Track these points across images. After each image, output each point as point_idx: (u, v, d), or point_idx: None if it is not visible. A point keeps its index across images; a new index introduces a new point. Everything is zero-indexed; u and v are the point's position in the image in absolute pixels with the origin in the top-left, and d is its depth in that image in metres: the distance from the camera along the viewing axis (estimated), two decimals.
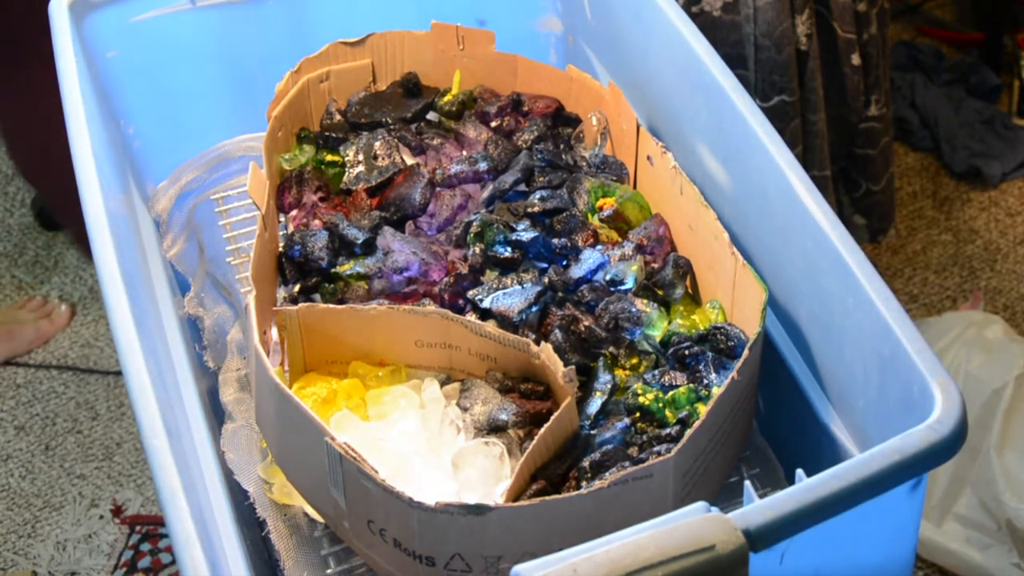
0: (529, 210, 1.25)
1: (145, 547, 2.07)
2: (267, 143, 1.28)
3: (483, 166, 1.29)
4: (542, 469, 1.02)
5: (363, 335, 1.15)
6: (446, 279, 1.19)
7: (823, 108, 1.97)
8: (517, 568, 0.78)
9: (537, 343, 1.10)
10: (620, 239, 1.24)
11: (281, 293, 1.21)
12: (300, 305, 1.14)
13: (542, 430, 1.01)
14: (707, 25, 1.86)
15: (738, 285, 1.13)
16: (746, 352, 1.04)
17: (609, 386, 1.10)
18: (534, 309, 1.15)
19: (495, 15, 1.49)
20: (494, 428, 1.09)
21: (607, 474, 1.00)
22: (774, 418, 1.20)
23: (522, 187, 1.29)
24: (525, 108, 1.37)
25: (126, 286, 1.08)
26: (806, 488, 0.85)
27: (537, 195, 1.26)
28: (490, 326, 1.11)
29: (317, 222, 1.26)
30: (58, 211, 2.47)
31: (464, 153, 1.34)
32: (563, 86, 1.37)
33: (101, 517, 2.12)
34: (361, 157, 1.31)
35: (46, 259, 2.55)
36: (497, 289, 1.16)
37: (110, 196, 1.18)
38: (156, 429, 0.97)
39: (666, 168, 1.23)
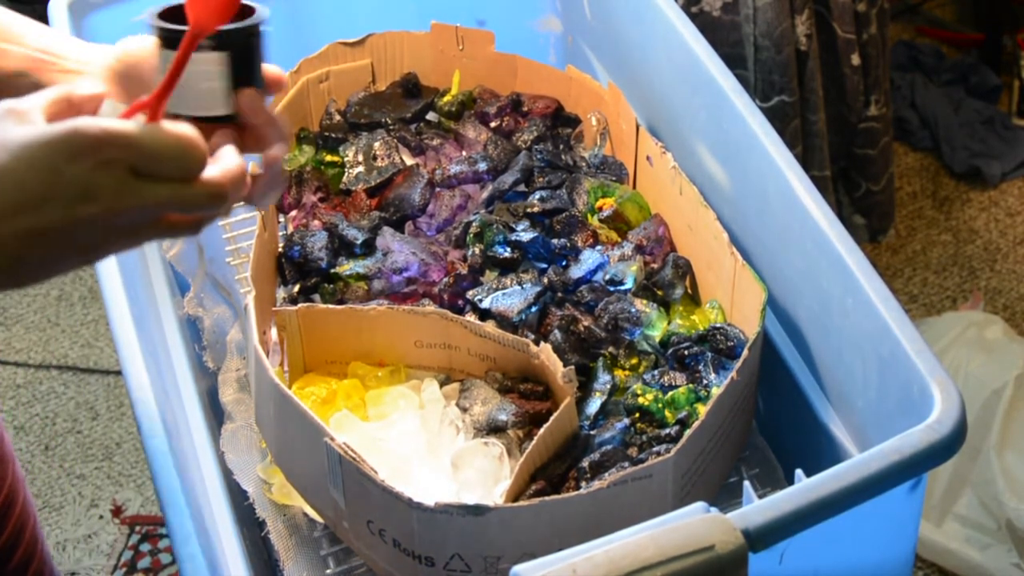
0: (528, 210, 1.25)
1: (145, 547, 2.07)
2: None
3: (483, 166, 1.29)
4: (541, 469, 1.02)
5: (363, 335, 1.15)
6: (445, 279, 1.19)
7: (823, 108, 1.97)
8: (516, 568, 0.78)
9: (536, 343, 1.10)
10: (620, 239, 1.24)
11: (281, 293, 1.21)
12: (300, 305, 1.14)
13: (541, 430, 1.01)
14: (707, 25, 1.86)
15: (737, 285, 1.13)
16: (745, 352, 1.04)
17: (608, 386, 1.10)
18: (533, 309, 1.15)
19: (495, 15, 1.49)
20: (493, 428, 1.09)
21: (606, 474, 1.00)
22: (774, 418, 1.20)
23: (522, 187, 1.29)
24: (525, 108, 1.37)
25: (126, 286, 1.08)
26: (805, 488, 0.85)
27: (536, 195, 1.26)
28: (489, 326, 1.11)
29: (317, 222, 1.26)
30: None
31: (464, 153, 1.34)
32: (563, 86, 1.37)
33: (101, 517, 2.11)
34: (360, 157, 1.31)
35: None
36: (496, 289, 1.16)
37: None
38: (156, 429, 0.97)
39: (665, 168, 1.23)
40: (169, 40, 0.82)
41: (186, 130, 0.73)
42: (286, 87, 0.93)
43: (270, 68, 0.88)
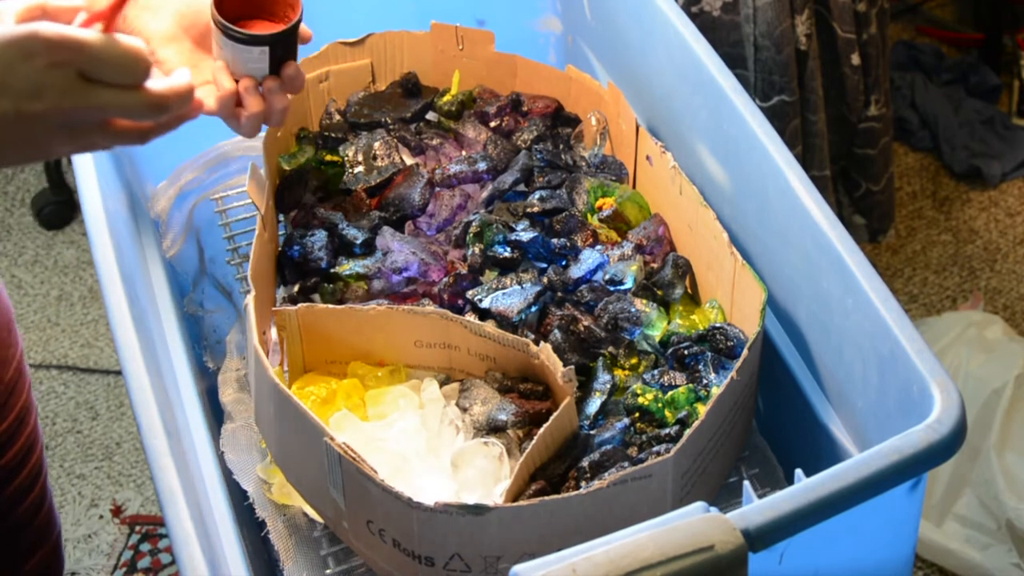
0: (528, 210, 1.25)
1: (145, 547, 2.07)
2: (266, 143, 1.28)
3: (482, 166, 1.29)
4: (541, 469, 1.02)
5: (362, 335, 1.15)
6: (445, 279, 1.19)
7: (823, 108, 1.97)
8: (516, 568, 0.78)
9: (536, 343, 1.10)
10: (619, 239, 1.24)
11: (280, 293, 1.21)
12: (299, 305, 1.14)
13: (541, 430, 1.01)
14: (707, 25, 1.86)
15: (737, 285, 1.13)
16: (745, 352, 1.04)
17: (608, 386, 1.10)
18: (533, 309, 1.15)
19: (495, 15, 1.49)
20: (493, 428, 1.09)
21: (606, 474, 1.00)
22: (774, 418, 1.20)
23: (521, 187, 1.29)
24: (524, 108, 1.37)
25: (126, 286, 1.08)
26: (805, 488, 0.85)
27: (536, 195, 1.26)
28: (489, 326, 1.11)
29: (316, 222, 1.26)
30: None
31: (463, 153, 1.34)
32: (562, 86, 1.37)
33: (101, 517, 2.12)
34: (360, 157, 1.31)
35: (46, 259, 2.55)
36: (496, 289, 1.16)
37: (110, 196, 1.18)
38: (156, 429, 0.97)
39: (665, 168, 1.23)
40: (226, 31, 1.10)
41: (135, 42, 0.80)
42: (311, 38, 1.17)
43: (304, 31, 1.14)
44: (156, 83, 0.82)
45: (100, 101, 0.79)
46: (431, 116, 1.38)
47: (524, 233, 1.21)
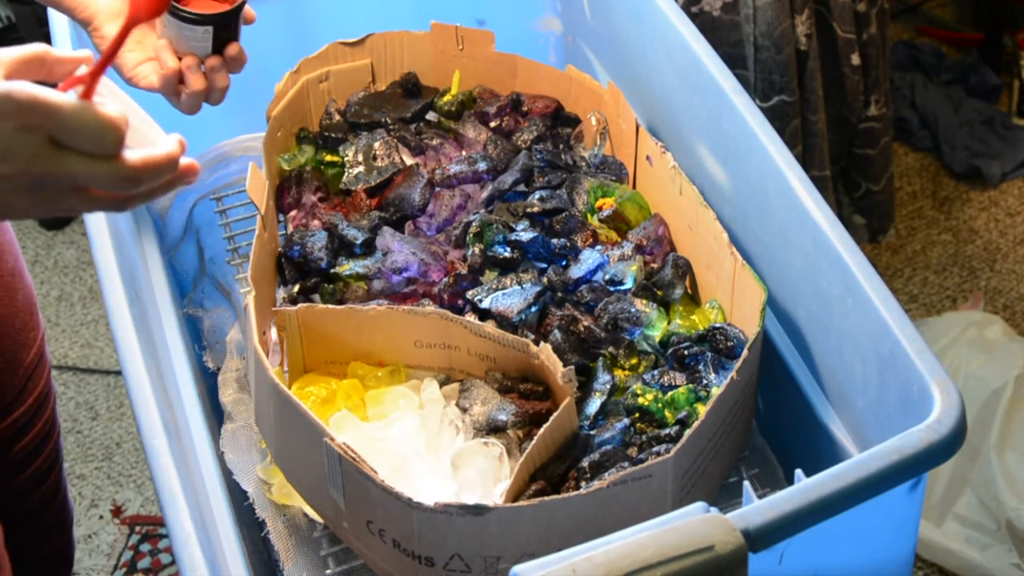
0: (528, 210, 1.25)
1: (145, 547, 2.07)
2: (266, 143, 1.28)
3: (482, 166, 1.29)
4: (541, 469, 1.02)
5: (362, 335, 1.15)
6: (445, 279, 1.19)
7: (823, 108, 1.97)
8: (516, 568, 0.78)
9: (536, 343, 1.10)
10: (619, 239, 1.24)
11: (280, 293, 1.21)
12: (299, 305, 1.14)
13: (541, 430, 1.01)
14: (707, 25, 1.86)
15: (737, 285, 1.13)
16: (745, 352, 1.04)
17: (608, 386, 1.10)
18: (533, 309, 1.15)
19: (495, 15, 1.49)
20: (493, 428, 1.09)
21: (606, 474, 1.00)
22: (774, 418, 1.20)
23: (521, 187, 1.29)
24: (524, 108, 1.37)
25: (126, 286, 1.08)
26: (805, 488, 0.85)
27: (536, 195, 1.26)
28: (489, 326, 1.11)
29: (316, 222, 1.26)
30: None
31: (463, 153, 1.34)
32: (562, 86, 1.37)
33: (101, 517, 2.11)
34: (360, 157, 1.31)
35: (46, 259, 2.55)
36: (496, 289, 1.16)
37: None
38: (156, 429, 0.97)
39: (665, 168, 1.23)
40: (171, 9, 1.12)
41: (111, 112, 0.77)
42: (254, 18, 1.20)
43: (248, 12, 1.17)
44: (133, 154, 0.79)
45: (70, 169, 0.77)
46: (431, 116, 1.38)
47: (524, 233, 1.21)
